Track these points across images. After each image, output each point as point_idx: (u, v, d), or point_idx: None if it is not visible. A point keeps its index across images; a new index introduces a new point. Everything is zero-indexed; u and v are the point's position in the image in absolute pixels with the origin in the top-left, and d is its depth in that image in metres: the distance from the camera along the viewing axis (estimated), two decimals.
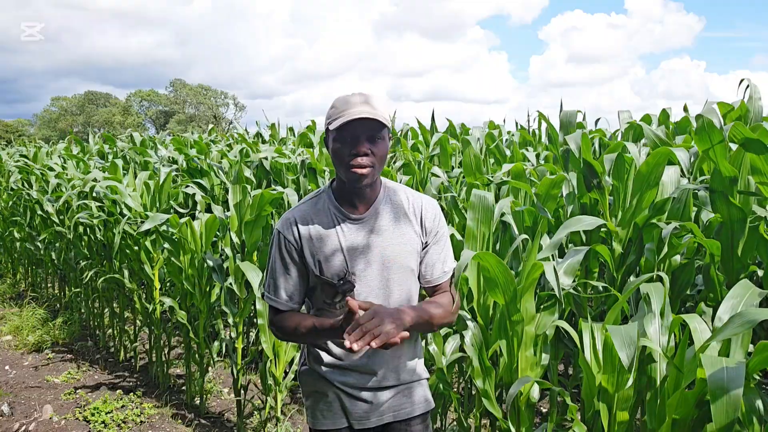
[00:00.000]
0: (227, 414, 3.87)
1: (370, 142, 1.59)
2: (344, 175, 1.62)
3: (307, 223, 1.69)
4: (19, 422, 3.76)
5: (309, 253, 1.68)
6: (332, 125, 1.59)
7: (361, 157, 1.58)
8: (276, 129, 7.81)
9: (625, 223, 2.56)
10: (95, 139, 8.19)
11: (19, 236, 6.83)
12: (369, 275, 1.67)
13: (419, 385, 1.81)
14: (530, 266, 2.08)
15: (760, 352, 1.44)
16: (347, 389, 1.73)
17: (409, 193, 1.77)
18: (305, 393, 1.82)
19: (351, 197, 1.69)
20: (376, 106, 1.59)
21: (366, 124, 1.57)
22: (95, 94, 53.53)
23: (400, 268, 1.69)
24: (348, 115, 1.56)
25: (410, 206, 1.74)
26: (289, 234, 1.69)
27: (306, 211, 1.71)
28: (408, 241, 1.71)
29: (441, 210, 1.82)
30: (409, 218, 1.72)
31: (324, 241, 1.67)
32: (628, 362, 1.51)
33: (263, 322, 3.14)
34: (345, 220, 1.68)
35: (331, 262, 1.66)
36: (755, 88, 2.85)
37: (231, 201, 3.50)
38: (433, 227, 1.75)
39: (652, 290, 1.77)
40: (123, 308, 4.85)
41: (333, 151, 1.62)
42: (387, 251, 1.68)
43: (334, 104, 1.63)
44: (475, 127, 5.34)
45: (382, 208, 1.71)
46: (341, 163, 1.61)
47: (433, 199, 1.80)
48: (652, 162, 2.44)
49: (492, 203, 2.54)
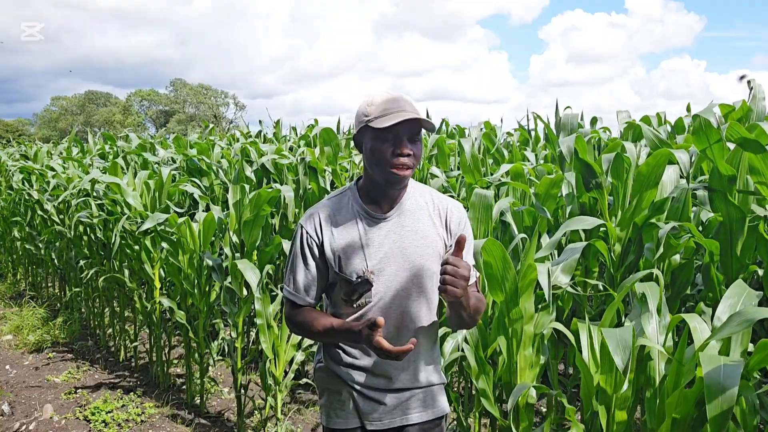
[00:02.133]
0: (227, 413, 3.88)
1: (411, 142, 1.59)
2: (382, 175, 1.61)
3: (330, 218, 1.69)
4: (20, 422, 3.77)
5: (329, 249, 1.67)
6: (375, 123, 1.57)
7: (404, 158, 1.58)
8: (279, 128, 7.83)
9: (624, 223, 2.56)
10: (95, 139, 8.19)
11: (20, 236, 6.83)
12: (388, 274, 1.65)
13: (435, 390, 1.78)
14: (528, 266, 2.08)
15: (761, 351, 1.44)
16: (362, 389, 1.72)
17: (435, 195, 1.75)
18: (320, 390, 1.81)
19: (377, 196, 1.68)
20: (416, 107, 1.60)
21: (410, 125, 1.57)
22: (95, 94, 53.52)
23: (420, 269, 1.67)
24: (395, 116, 1.55)
25: (435, 208, 1.73)
26: (311, 228, 1.69)
27: (329, 207, 1.71)
28: (430, 243, 1.68)
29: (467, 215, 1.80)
30: (434, 220, 1.71)
31: (345, 237, 1.66)
32: (623, 366, 1.51)
33: (263, 321, 3.14)
34: (368, 218, 1.68)
35: (351, 259, 1.65)
36: (759, 88, 2.84)
37: (230, 200, 3.50)
38: (458, 230, 1.73)
39: (648, 289, 1.77)
40: (123, 308, 4.85)
41: (372, 150, 1.60)
42: (408, 251, 1.66)
43: (373, 101, 1.61)
44: (473, 127, 5.34)
45: (407, 208, 1.70)
46: (381, 162, 1.59)
47: (460, 203, 1.78)
48: (652, 163, 2.44)
49: (492, 202, 2.54)
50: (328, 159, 4.68)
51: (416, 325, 1.69)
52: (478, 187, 3.26)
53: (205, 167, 5.41)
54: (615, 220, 2.76)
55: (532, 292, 2.15)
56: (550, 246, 2.22)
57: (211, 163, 5.39)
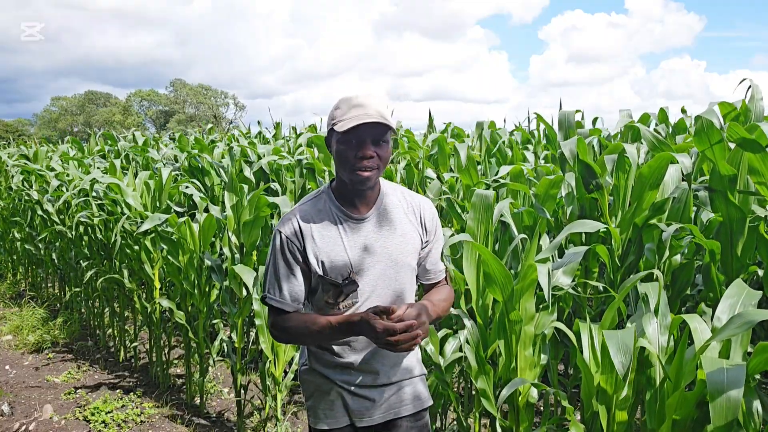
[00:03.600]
0: (227, 414, 3.88)
1: (375, 145, 1.60)
2: (348, 176, 1.63)
3: (309, 222, 1.68)
4: (20, 422, 3.77)
5: (312, 254, 1.67)
6: (338, 127, 1.58)
7: (366, 160, 1.59)
8: (279, 130, 7.82)
9: (624, 224, 2.56)
10: (96, 139, 8.18)
11: (20, 236, 6.83)
12: (373, 274, 1.69)
13: (419, 381, 1.83)
14: (528, 267, 2.08)
15: (760, 353, 1.44)
16: (349, 387, 1.74)
17: (406, 194, 1.81)
18: (306, 393, 1.82)
19: (352, 198, 1.70)
20: (381, 110, 1.60)
21: (372, 127, 1.58)
22: (95, 94, 53.53)
23: (402, 266, 1.72)
24: (355, 119, 1.56)
25: (409, 206, 1.78)
26: (291, 234, 1.67)
27: (307, 211, 1.70)
28: (410, 240, 1.74)
29: None
30: (409, 217, 1.76)
31: (327, 241, 1.67)
32: (623, 370, 1.51)
33: (262, 322, 3.13)
34: (347, 220, 1.69)
35: (335, 262, 1.66)
36: (756, 88, 2.84)
37: (227, 202, 3.50)
38: (432, 226, 1.80)
39: (650, 290, 1.77)
40: (123, 308, 4.85)
41: (337, 153, 1.63)
42: (390, 250, 1.70)
43: (338, 105, 1.63)
44: (476, 126, 5.34)
45: (383, 208, 1.73)
46: (345, 165, 1.62)
47: (429, 199, 1.85)
48: (654, 165, 2.44)
49: (492, 203, 2.54)
50: (327, 160, 4.68)
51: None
52: (476, 188, 3.26)
53: (207, 166, 5.40)
54: (615, 220, 2.76)
55: (533, 293, 2.15)
56: (552, 248, 2.22)
57: (212, 162, 5.38)
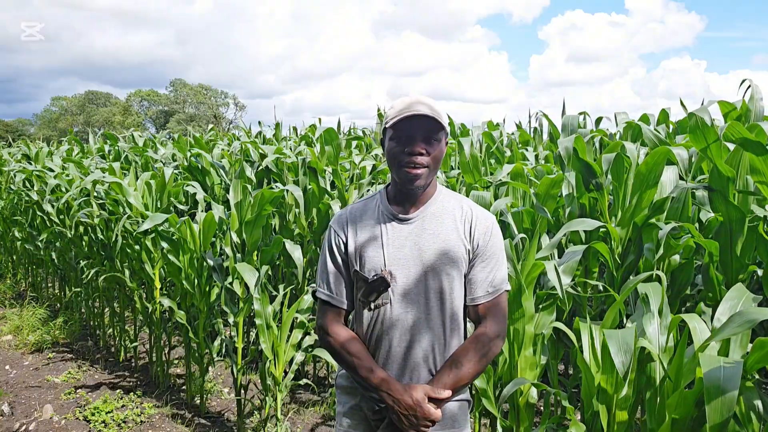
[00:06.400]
0: (227, 413, 3.88)
1: (426, 142, 1.59)
2: (397, 174, 1.63)
3: (356, 218, 1.71)
4: (20, 422, 3.77)
5: (352, 247, 1.69)
6: (389, 123, 1.60)
7: (416, 157, 1.58)
8: (279, 130, 7.82)
9: (624, 223, 2.56)
10: (96, 139, 8.18)
11: (20, 236, 6.83)
12: (407, 276, 1.64)
13: (455, 408, 1.70)
14: (529, 266, 2.08)
15: (758, 350, 1.44)
16: (378, 404, 1.67)
17: (464, 203, 1.72)
18: (339, 399, 1.80)
19: (402, 198, 1.68)
20: (434, 107, 1.59)
21: (423, 123, 1.57)
22: (95, 94, 53.50)
23: (439, 273, 1.63)
24: (405, 111, 1.57)
25: (463, 215, 1.69)
26: (339, 227, 1.72)
27: (358, 208, 1.74)
28: (451, 248, 1.64)
29: (499, 229, 1.74)
30: (457, 225, 1.67)
31: (367, 237, 1.68)
32: (623, 370, 1.51)
33: (262, 322, 3.14)
34: (392, 219, 1.68)
35: (371, 258, 1.66)
36: (756, 88, 2.84)
37: (232, 200, 3.49)
38: (482, 240, 1.67)
39: (651, 290, 1.77)
40: (123, 308, 4.85)
41: (388, 150, 1.63)
42: (427, 255, 1.64)
43: (393, 104, 1.64)
44: (475, 127, 5.34)
45: (432, 212, 1.68)
46: (395, 162, 1.61)
47: (491, 214, 1.74)
48: (651, 162, 2.44)
49: (489, 202, 2.54)
50: (329, 159, 4.67)
51: (433, 330, 1.65)
52: (478, 187, 3.26)
53: (207, 165, 5.40)
54: (615, 220, 2.76)
55: (532, 292, 2.15)
56: (551, 247, 2.22)
57: (212, 161, 5.38)
